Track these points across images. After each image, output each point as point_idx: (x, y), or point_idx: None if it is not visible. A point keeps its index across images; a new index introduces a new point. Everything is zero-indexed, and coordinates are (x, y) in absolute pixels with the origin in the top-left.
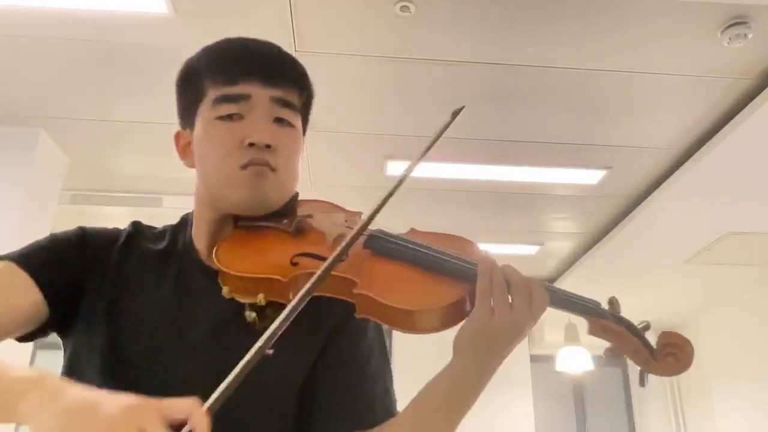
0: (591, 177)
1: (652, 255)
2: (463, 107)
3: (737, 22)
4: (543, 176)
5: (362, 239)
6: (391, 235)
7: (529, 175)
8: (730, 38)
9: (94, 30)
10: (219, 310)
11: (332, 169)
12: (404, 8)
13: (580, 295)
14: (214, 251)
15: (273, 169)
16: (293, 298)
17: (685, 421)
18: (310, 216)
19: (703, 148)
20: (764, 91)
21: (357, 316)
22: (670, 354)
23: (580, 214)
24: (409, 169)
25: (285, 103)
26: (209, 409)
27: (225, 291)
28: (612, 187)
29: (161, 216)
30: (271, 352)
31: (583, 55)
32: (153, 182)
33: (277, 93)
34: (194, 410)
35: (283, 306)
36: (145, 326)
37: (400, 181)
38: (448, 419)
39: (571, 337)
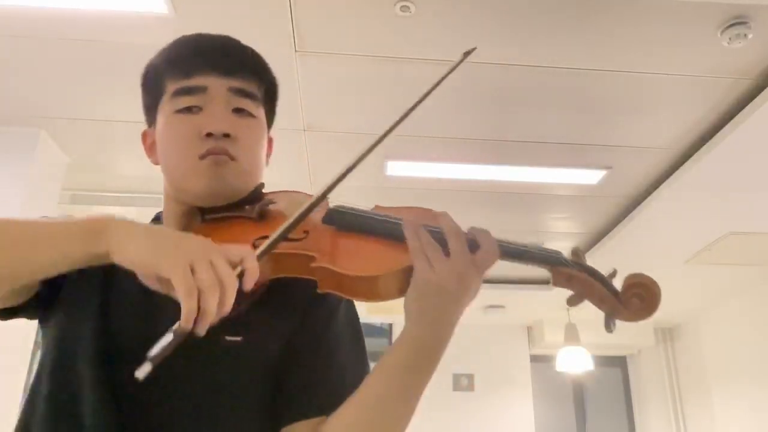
0: (591, 177)
1: (652, 255)
2: (475, 48)
3: (737, 22)
4: (543, 176)
5: (320, 216)
6: (346, 208)
7: (529, 175)
8: (730, 38)
9: (94, 30)
10: None
11: (332, 169)
12: (404, 8)
13: (539, 246)
14: None
15: (233, 158)
16: (260, 280)
17: (685, 421)
18: (273, 202)
19: (703, 148)
20: (764, 91)
21: (319, 291)
22: (635, 295)
23: (580, 214)
24: (392, 127)
25: (244, 93)
26: (259, 256)
27: None
28: (612, 187)
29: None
30: (239, 339)
31: (583, 55)
32: (153, 182)
33: (235, 83)
34: (247, 255)
35: (252, 292)
36: (125, 317)
37: (377, 142)
38: (407, 388)
39: (571, 337)
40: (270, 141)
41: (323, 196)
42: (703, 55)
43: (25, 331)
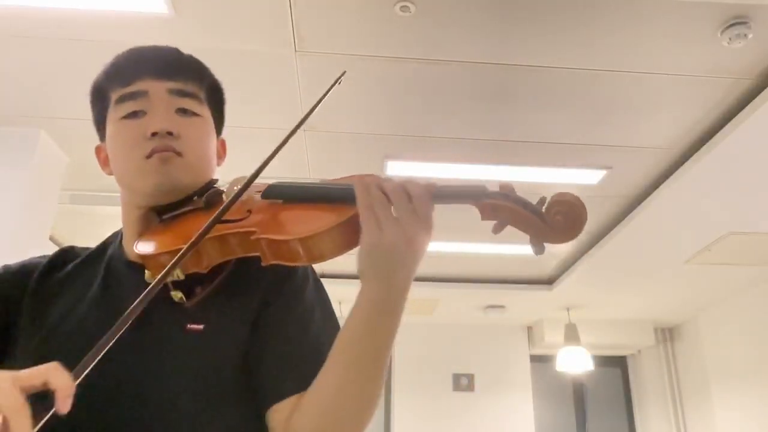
0: (591, 177)
1: (652, 255)
2: (345, 72)
3: (737, 22)
4: (543, 176)
5: (259, 192)
6: (284, 182)
7: (529, 175)
8: (730, 38)
9: (94, 30)
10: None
11: (332, 169)
12: (404, 8)
13: (462, 184)
14: (135, 242)
15: (178, 153)
16: (207, 265)
17: (685, 421)
18: (222, 191)
19: (703, 148)
20: (764, 91)
21: (264, 264)
22: (558, 212)
23: None
24: (303, 120)
25: (184, 93)
26: (77, 373)
27: (147, 275)
28: (612, 187)
29: None
30: (200, 327)
31: (583, 55)
32: None
33: (174, 85)
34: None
35: (212, 279)
36: (70, 330)
37: (293, 132)
38: (372, 348)
39: (571, 337)
40: (223, 143)
41: (252, 179)
42: (703, 55)
43: None
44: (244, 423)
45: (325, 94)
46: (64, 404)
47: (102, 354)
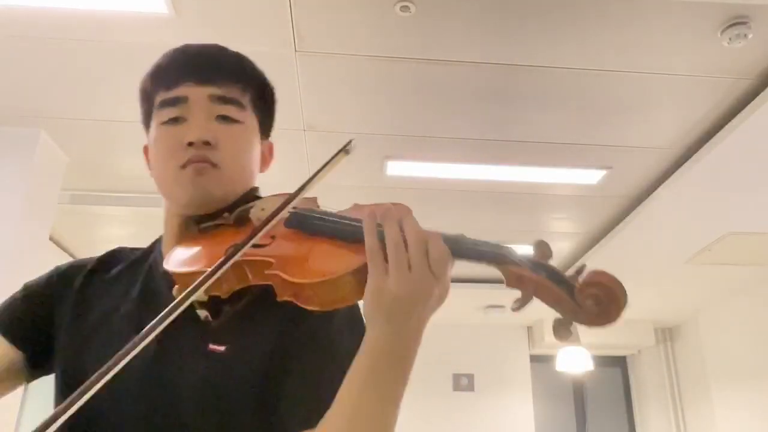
0: (591, 177)
1: (652, 255)
2: (351, 140)
3: (737, 22)
4: (543, 176)
5: (285, 219)
6: (311, 210)
7: (529, 175)
8: (730, 38)
9: (94, 30)
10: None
11: (332, 169)
12: (404, 8)
13: (490, 242)
14: (168, 254)
15: (214, 165)
16: (227, 291)
17: (685, 421)
18: (252, 206)
19: (703, 148)
20: (764, 91)
21: (278, 299)
22: (591, 296)
23: (580, 214)
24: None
25: (225, 100)
26: (90, 385)
27: (175, 291)
28: (612, 187)
29: (161, 216)
30: (222, 348)
31: (582, 55)
32: (153, 182)
33: (215, 90)
34: None
35: (240, 298)
36: (102, 340)
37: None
38: (377, 395)
39: (571, 337)
40: (270, 147)
41: (287, 203)
42: (703, 55)
43: None
44: None
45: (330, 160)
46: None
47: (122, 364)
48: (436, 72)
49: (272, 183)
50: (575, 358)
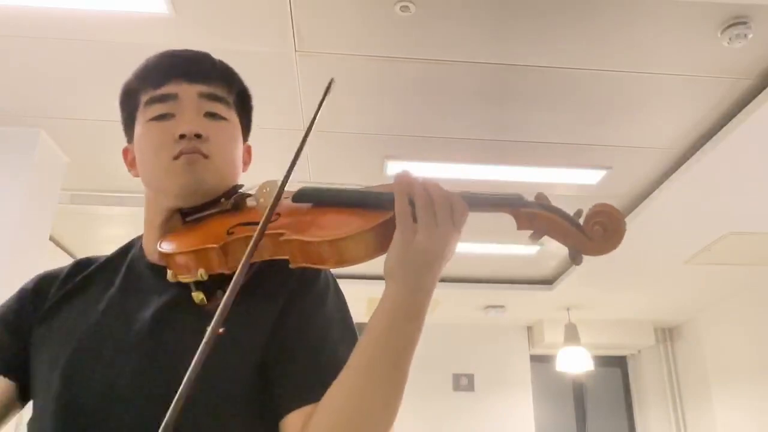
0: (591, 177)
1: (652, 255)
2: (333, 79)
3: (737, 22)
4: (543, 176)
5: (290, 196)
6: (314, 186)
7: (529, 175)
8: (730, 38)
9: (94, 30)
10: (167, 299)
11: (332, 169)
12: (404, 8)
13: (499, 193)
14: (159, 242)
15: (206, 156)
16: (232, 266)
17: (685, 421)
18: (248, 195)
19: (703, 148)
20: (764, 91)
21: (292, 266)
22: (598, 223)
23: None
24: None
25: (214, 97)
26: (233, 289)
27: (169, 275)
28: (612, 187)
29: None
30: (221, 330)
31: (583, 55)
32: None
33: (204, 88)
34: None
35: (228, 280)
36: (86, 327)
37: (308, 130)
38: (394, 351)
39: (571, 337)
40: (248, 149)
41: (286, 179)
42: (703, 55)
43: None
44: None
45: (320, 104)
46: None
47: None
48: (436, 72)
49: None
50: (575, 358)
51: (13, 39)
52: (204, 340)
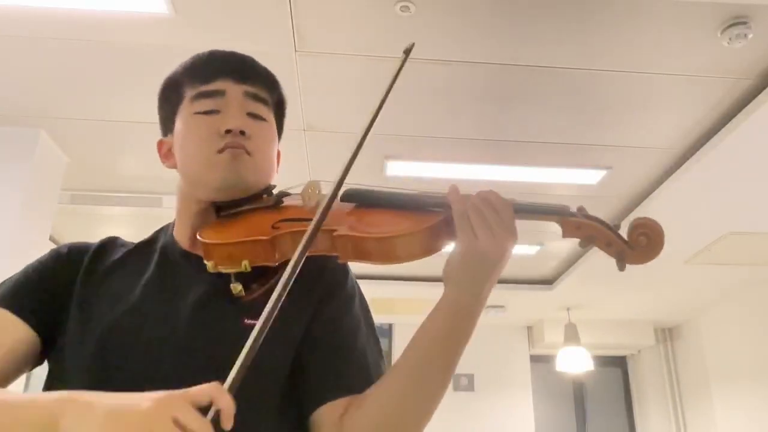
0: (591, 177)
1: None
2: (413, 43)
3: (737, 22)
4: (543, 176)
5: (338, 196)
6: (362, 188)
7: (529, 175)
8: (730, 38)
9: (94, 30)
10: (204, 289)
11: (332, 169)
12: (404, 8)
13: (546, 203)
14: (198, 233)
15: (249, 153)
16: (279, 259)
17: (685, 421)
18: (288, 194)
19: (703, 148)
20: (764, 91)
21: (340, 262)
22: (642, 234)
23: None
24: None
25: (258, 98)
26: (230, 388)
27: (210, 265)
28: (612, 187)
29: (161, 216)
30: (256, 323)
31: (583, 55)
32: (153, 182)
33: (250, 89)
34: (217, 393)
35: (268, 277)
36: (125, 312)
37: (369, 127)
38: (447, 352)
39: (571, 337)
40: (278, 153)
41: (342, 179)
42: (703, 55)
43: None
44: (278, 429)
45: (398, 72)
46: (228, 422)
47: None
48: (436, 72)
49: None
50: (575, 358)
51: (13, 39)
52: (257, 328)
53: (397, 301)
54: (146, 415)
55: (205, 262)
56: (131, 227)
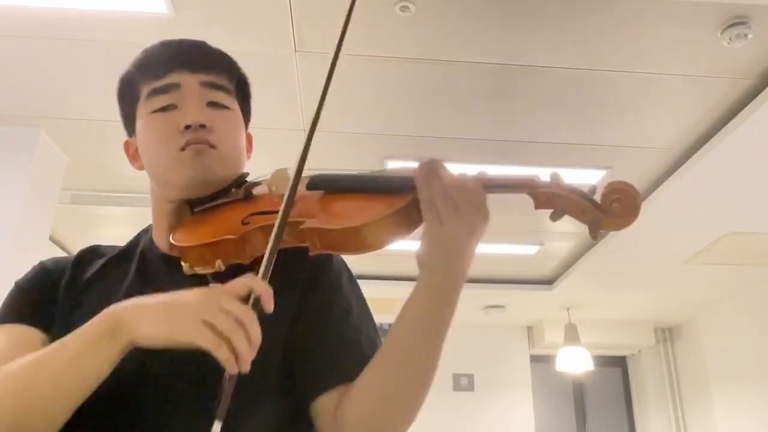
0: (591, 177)
1: (652, 255)
2: None
3: (737, 22)
4: (543, 176)
5: (304, 184)
6: (328, 173)
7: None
8: (730, 38)
9: (94, 30)
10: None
11: (332, 169)
12: (404, 8)
13: (516, 174)
14: (171, 235)
15: (212, 146)
16: (251, 256)
17: (685, 421)
18: (258, 183)
19: (703, 148)
20: (764, 91)
21: (312, 254)
22: (615, 200)
23: None
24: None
25: (216, 86)
26: (264, 276)
27: (186, 268)
28: None
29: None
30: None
31: (583, 55)
32: None
33: (206, 77)
34: (254, 283)
35: (245, 270)
36: None
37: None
38: (430, 333)
39: (571, 337)
40: (249, 138)
41: (301, 166)
42: (703, 55)
43: None
44: (278, 421)
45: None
46: (269, 304)
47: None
48: (436, 72)
49: None
50: (575, 358)
51: (13, 39)
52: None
53: (397, 301)
54: (196, 304)
55: (182, 264)
56: (131, 227)
